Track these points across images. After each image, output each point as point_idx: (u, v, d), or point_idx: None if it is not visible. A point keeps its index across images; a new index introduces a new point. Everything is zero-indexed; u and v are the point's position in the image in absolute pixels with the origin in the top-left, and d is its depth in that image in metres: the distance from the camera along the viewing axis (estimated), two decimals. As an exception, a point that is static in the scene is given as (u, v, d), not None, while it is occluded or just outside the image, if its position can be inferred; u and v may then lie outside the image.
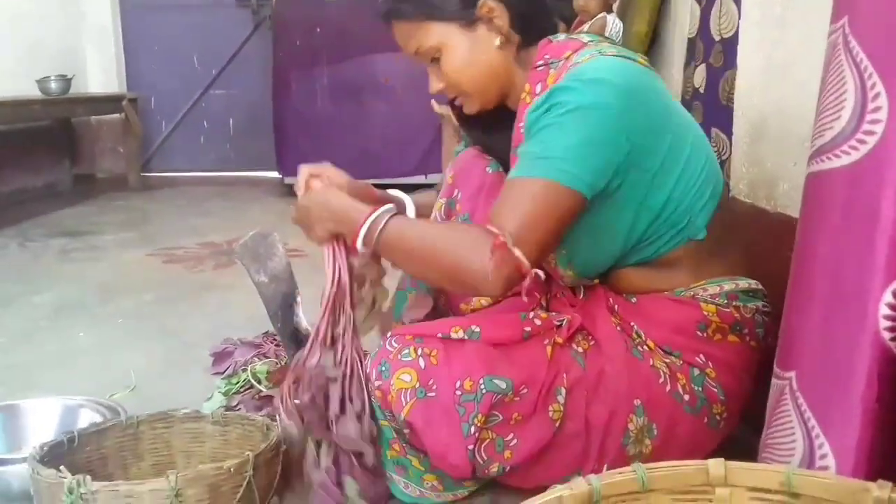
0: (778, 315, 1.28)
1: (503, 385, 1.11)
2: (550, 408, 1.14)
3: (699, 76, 2.64)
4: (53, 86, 4.70)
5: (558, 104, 1.10)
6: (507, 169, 1.32)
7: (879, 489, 0.77)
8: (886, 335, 0.84)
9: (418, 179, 4.77)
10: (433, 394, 1.12)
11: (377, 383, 1.15)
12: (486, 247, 1.06)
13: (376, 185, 1.50)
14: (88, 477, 1.12)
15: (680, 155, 1.17)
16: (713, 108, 1.79)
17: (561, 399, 1.14)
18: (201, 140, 6.00)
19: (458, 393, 1.11)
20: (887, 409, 0.85)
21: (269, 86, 5.06)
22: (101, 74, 5.77)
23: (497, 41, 1.23)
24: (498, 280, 1.06)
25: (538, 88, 1.22)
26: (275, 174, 5.18)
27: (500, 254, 1.05)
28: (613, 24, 3.34)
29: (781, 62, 1.45)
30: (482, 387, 1.11)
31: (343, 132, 4.88)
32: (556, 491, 0.83)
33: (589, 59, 1.15)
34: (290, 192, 5.01)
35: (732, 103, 2.35)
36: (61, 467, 1.16)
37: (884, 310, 0.84)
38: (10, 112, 4.33)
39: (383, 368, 1.15)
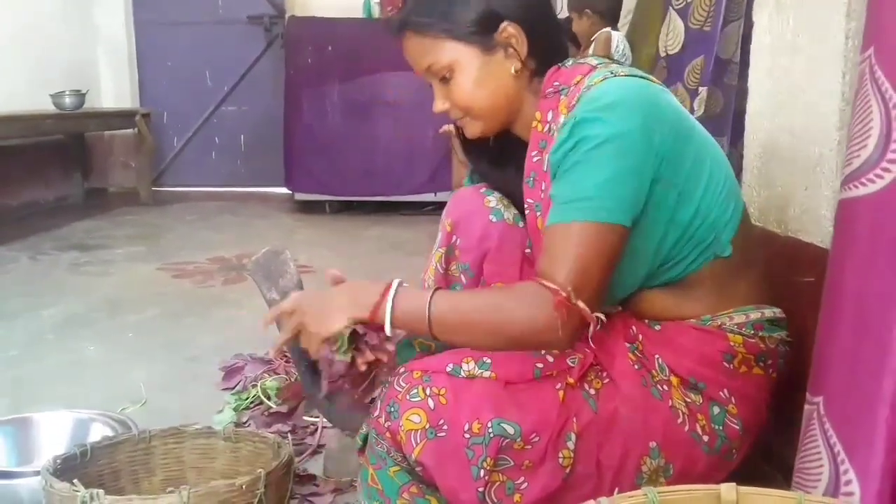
0: (798, 344, 1.27)
1: (511, 430, 1.09)
2: (560, 454, 1.12)
3: None
4: (67, 101, 4.75)
5: (584, 139, 1.07)
6: (515, 204, 1.31)
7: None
8: None
9: (427, 197, 4.80)
10: (443, 434, 1.10)
11: (386, 424, 1.13)
12: (547, 305, 1.05)
13: (385, 203, 1.50)
14: (101, 491, 1.13)
15: (703, 167, 1.16)
16: None
17: (571, 445, 1.12)
18: (212, 155, 6.04)
19: (467, 436, 1.09)
20: None
21: (280, 103, 5.11)
22: (115, 90, 5.82)
23: (513, 68, 1.20)
24: (566, 334, 1.06)
25: (549, 116, 1.20)
26: (285, 190, 5.21)
27: (565, 309, 1.04)
28: (619, 42, 3.34)
29: (792, 86, 1.46)
30: (490, 430, 1.09)
31: (353, 149, 4.91)
32: (568, 513, 0.83)
33: (602, 80, 1.13)
34: (299, 208, 5.07)
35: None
36: (75, 480, 1.17)
37: None
38: (23, 126, 4.37)
39: (392, 409, 1.13)
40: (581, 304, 1.04)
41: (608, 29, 3.32)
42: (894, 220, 0.85)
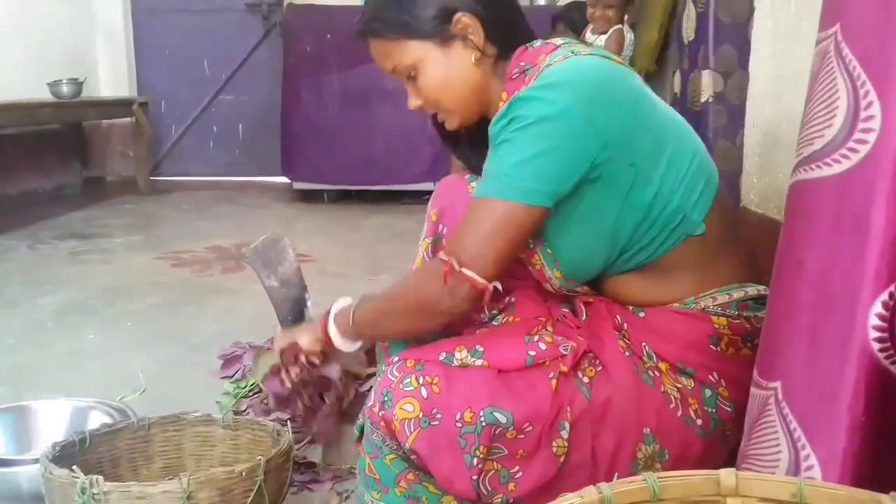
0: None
1: (503, 419, 1.10)
2: (554, 444, 1.12)
3: (677, 81, 2.65)
4: (65, 89, 4.73)
5: (516, 118, 1.09)
6: None
7: (892, 501, 0.77)
8: (875, 346, 0.83)
9: (427, 186, 4.78)
10: (437, 423, 1.11)
11: (380, 413, 1.14)
12: (437, 275, 1.11)
13: (385, 192, 1.54)
14: (101, 477, 1.13)
15: (663, 148, 1.15)
16: (685, 113, 1.79)
17: (565, 434, 1.12)
18: (210, 144, 6.02)
19: (459, 425, 1.10)
20: (874, 420, 0.84)
21: (278, 91, 5.08)
22: (112, 78, 5.80)
23: (473, 57, 1.22)
24: (456, 300, 1.11)
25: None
26: (284, 179, 5.20)
27: (452, 279, 1.10)
28: (628, 35, 3.35)
29: (794, 72, 1.46)
30: (482, 419, 1.09)
31: (352, 138, 4.89)
32: (567, 499, 0.83)
33: (561, 59, 1.15)
34: (298, 197, 5.06)
35: (698, 106, 2.37)
36: (74, 467, 1.17)
37: (873, 320, 0.83)
38: (21, 115, 4.35)
39: (386, 399, 1.13)
40: (468, 273, 1.09)
41: (620, 27, 3.31)
42: (860, 201, 0.84)
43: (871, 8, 0.85)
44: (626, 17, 3.42)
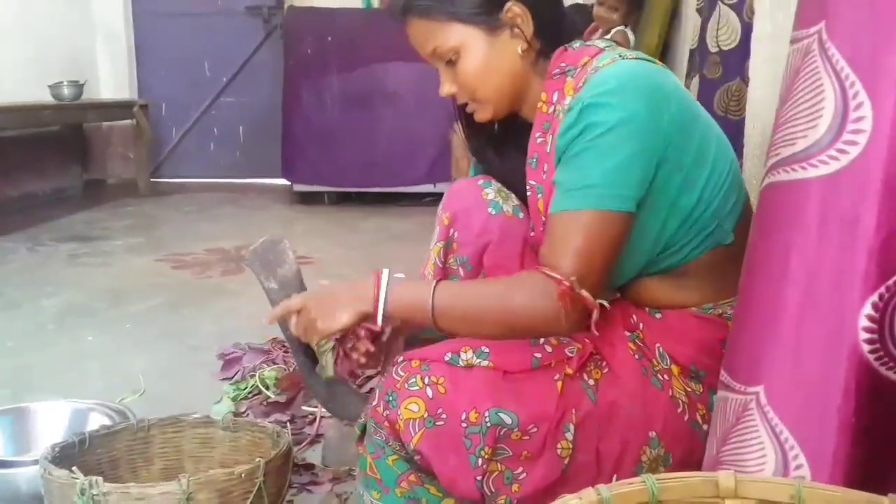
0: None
1: (508, 420, 1.10)
2: (559, 445, 1.12)
3: (693, 88, 2.63)
4: (66, 91, 4.74)
5: (591, 126, 1.07)
6: (515, 189, 1.29)
7: (891, 503, 0.77)
8: (865, 347, 0.82)
9: (427, 188, 4.79)
10: (442, 423, 1.11)
11: (385, 413, 1.13)
12: (551, 295, 1.06)
13: (384, 194, 1.48)
14: (100, 478, 1.13)
15: (708, 152, 1.15)
16: (717, 122, 1.77)
17: (569, 436, 1.12)
18: (211, 147, 6.02)
19: (464, 425, 1.10)
20: (865, 421, 0.84)
21: (279, 94, 5.09)
22: (113, 81, 5.80)
23: (520, 48, 1.19)
24: (570, 323, 1.07)
25: (555, 97, 1.19)
26: (284, 181, 5.20)
27: (569, 299, 1.05)
28: (631, 37, 3.37)
29: (793, 76, 1.46)
30: (487, 420, 1.09)
31: (352, 140, 4.89)
32: (566, 500, 0.83)
33: (610, 62, 1.13)
34: (298, 199, 5.06)
35: (732, 115, 2.35)
36: (74, 468, 1.17)
37: (863, 322, 0.82)
38: (22, 117, 4.36)
39: (390, 398, 1.13)
40: (585, 293, 1.05)
41: (622, 27, 3.32)
42: (850, 202, 0.83)
43: (859, 7, 0.84)
44: (627, 22, 3.43)
